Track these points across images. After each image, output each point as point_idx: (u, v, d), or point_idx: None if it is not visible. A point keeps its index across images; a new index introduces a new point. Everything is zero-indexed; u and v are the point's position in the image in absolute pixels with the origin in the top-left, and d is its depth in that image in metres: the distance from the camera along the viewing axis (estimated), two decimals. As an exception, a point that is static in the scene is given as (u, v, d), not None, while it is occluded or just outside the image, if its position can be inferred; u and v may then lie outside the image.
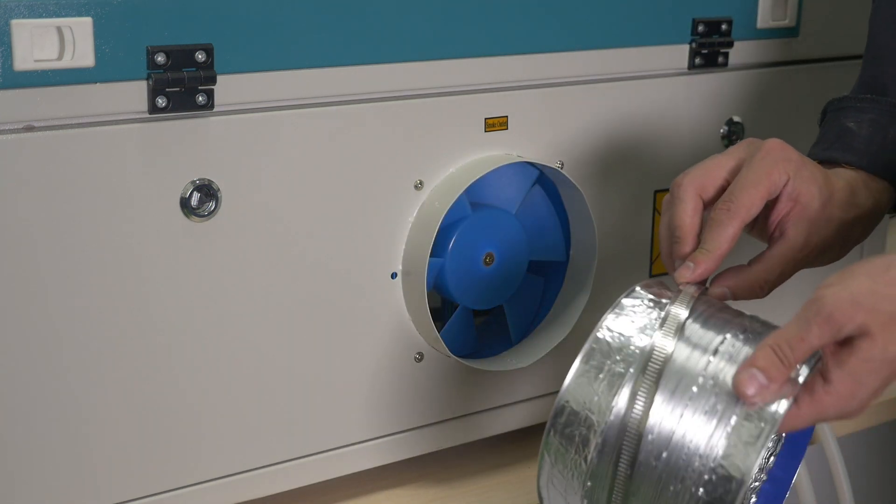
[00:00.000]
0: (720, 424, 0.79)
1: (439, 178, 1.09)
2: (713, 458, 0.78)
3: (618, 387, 0.81)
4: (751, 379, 0.80)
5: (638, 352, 0.82)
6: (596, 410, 0.81)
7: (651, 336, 0.82)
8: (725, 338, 0.83)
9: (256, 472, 1.06)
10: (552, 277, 1.18)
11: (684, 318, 0.84)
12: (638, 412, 0.80)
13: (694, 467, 0.78)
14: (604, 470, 0.81)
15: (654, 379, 0.80)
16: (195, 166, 0.97)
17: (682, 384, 0.80)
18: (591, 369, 0.82)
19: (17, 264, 0.92)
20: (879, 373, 0.81)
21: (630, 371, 0.81)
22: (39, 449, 0.96)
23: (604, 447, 0.80)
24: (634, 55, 1.19)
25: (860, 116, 1.03)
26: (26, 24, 0.88)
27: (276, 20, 0.99)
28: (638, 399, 0.80)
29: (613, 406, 0.80)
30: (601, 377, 0.81)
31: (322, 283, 1.05)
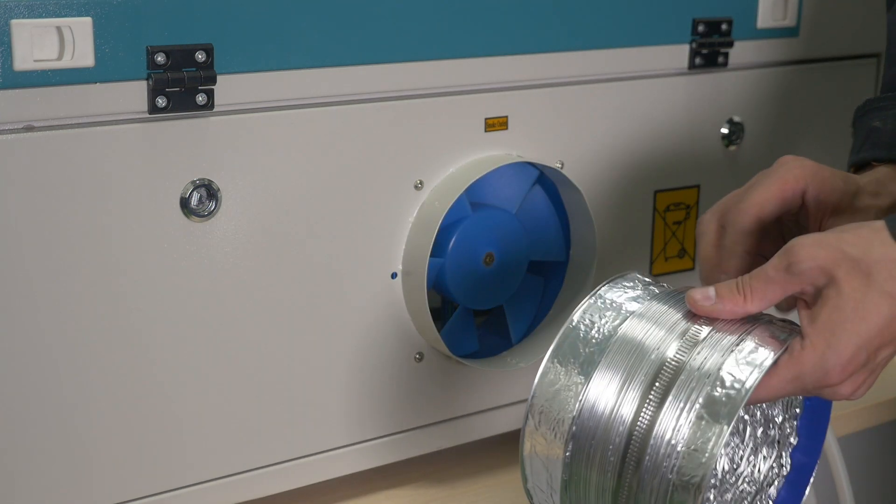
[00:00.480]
0: (690, 404, 0.78)
1: (439, 178, 1.09)
2: (682, 439, 0.77)
3: (587, 375, 0.81)
4: (703, 290, 0.82)
5: (603, 339, 0.82)
6: (565, 401, 0.81)
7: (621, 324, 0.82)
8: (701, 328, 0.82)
9: (256, 472, 1.06)
10: (552, 277, 1.18)
11: (665, 308, 0.84)
12: (608, 402, 0.80)
13: (666, 447, 0.78)
14: (581, 462, 0.81)
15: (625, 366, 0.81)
16: (195, 166, 0.97)
17: (652, 371, 0.80)
18: (560, 359, 0.82)
19: (17, 264, 0.92)
20: (854, 327, 0.80)
21: (599, 360, 0.81)
22: (39, 449, 0.96)
23: (577, 439, 0.81)
24: (634, 55, 1.19)
25: (884, 114, 1.01)
26: (26, 24, 0.88)
27: (275, 20, 0.99)
28: (608, 386, 0.80)
29: (582, 397, 0.81)
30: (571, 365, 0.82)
31: (322, 283, 1.05)
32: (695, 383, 0.78)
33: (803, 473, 0.93)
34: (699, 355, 0.80)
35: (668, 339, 0.81)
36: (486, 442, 1.21)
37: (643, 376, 0.80)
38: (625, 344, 0.81)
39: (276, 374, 1.05)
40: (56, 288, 0.94)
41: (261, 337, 1.04)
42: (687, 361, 0.79)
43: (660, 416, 0.78)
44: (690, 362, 0.79)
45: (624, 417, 0.79)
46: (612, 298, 0.84)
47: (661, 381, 0.79)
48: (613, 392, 0.80)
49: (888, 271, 0.80)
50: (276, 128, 1.01)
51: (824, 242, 0.81)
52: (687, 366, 0.79)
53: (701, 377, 0.78)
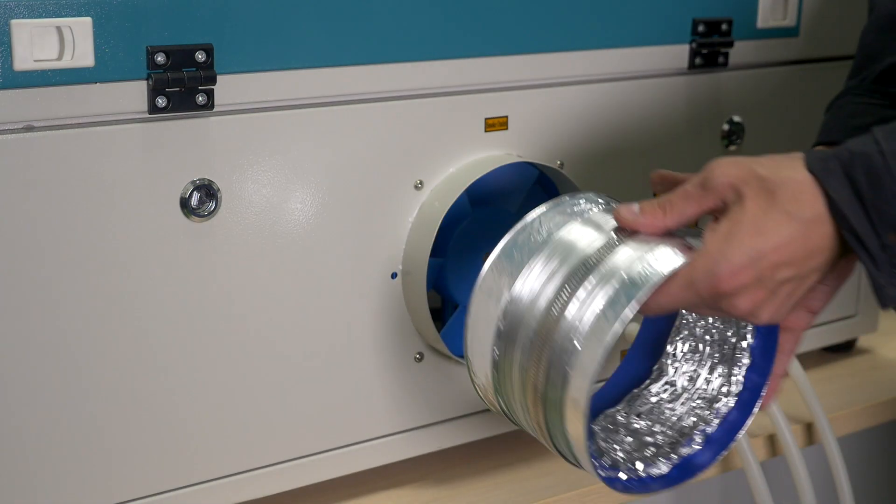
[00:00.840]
0: (594, 293, 0.86)
1: (439, 178, 1.09)
2: (584, 329, 0.86)
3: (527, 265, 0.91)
4: (629, 206, 0.90)
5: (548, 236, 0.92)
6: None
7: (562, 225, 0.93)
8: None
9: (256, 472, 1.06)
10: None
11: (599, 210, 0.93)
12: (529, 288, 0.90)
13: (568, 334, 0.87)
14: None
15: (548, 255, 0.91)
16: (195, 166, 0.97)
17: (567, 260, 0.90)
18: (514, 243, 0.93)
19: (18, 264, 0.92)
20: (749, 239, 0.84)
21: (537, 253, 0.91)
22: (39, 449, 0.96)
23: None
24: (634, 55, 1.19)
25: (832, 104, 1.05)
26: (26, 24, 0.88)
27: (275, 20, 0.99)
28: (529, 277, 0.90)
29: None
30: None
31: (322, 283, 1.05)
32: (604, 281, 0.86)
33: (755, 393, 0.97)
34: (614, 257, 0.87)
35: (594, 243, 0.89)
36: (486, 442, 1.21)
37: (565, 271, 0.88)
38: (559, 244, 0.90)
39: (275, 374, 1.05)
40: (56, 288, 0.94)
41: (261, 337, 1.04)
42: (603, 262, 0.87)
43: (568, 307, 0.86)
44: (605, 262, 0.87)
45: (542, 305, 0.88)
46: (565, 207, 0.93)
47: (577, 277, 0.88)
48: (540, 283, 0.89)
49: (792, 192, 0.84)
50: (276, 128, 1.01)
51: (739, 163, 0.86)
52: (602, 266, 0.87)
53: (610, 275, 0.86)
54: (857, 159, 0.83)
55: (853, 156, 0.83)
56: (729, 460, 1.24)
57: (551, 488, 1.14)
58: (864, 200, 0.83)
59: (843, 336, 1.45)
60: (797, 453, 1.21)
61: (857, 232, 0.84)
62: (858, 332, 1.47)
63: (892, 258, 0.84)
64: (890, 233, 0.83)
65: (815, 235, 0.85)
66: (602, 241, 0.89)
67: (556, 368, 0.87)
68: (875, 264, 0.84)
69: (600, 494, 1.15)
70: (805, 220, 0.84)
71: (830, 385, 1.39)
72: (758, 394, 0.98)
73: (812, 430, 1.29)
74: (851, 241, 0.84)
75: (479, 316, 0.92)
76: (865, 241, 0.84)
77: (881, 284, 0.85)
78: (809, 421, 1.29)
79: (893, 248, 0.84)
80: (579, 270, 0.88)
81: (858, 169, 0.83)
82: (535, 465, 1.19)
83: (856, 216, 0.83)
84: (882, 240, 0.83)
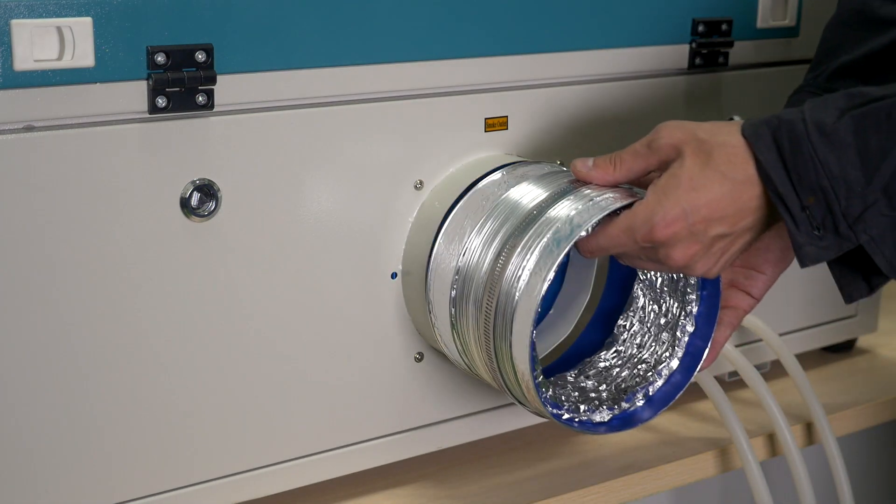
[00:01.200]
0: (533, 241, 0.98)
1: (439, 178, 1.09)
2: (527, 269, 0.97)
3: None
4: (584, 159, 1.00)
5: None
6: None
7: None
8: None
9: (256, 472, 1.06)
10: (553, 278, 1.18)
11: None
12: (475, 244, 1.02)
13: (512, 279, 0.98)
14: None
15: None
16: (195, 166, 0.97)
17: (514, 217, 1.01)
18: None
19: (17, 264, 0.92)
20: (685, 194, 0.92)
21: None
22: (39, 450, 0.96)
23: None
24: (634, 55, 1.19)
25: (790, 98, 1.12)
26: (26, 24, 0.88)
27: (275, 20, 0.99)
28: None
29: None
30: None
31: (322, 283, 1.05)
32: (548, 225, 0.97)
33: (696, 357, 1.07)
34: (561, 205, 0.98)
35: (542, 197, 1.00)
36: (486, 442, 1.21)
37: (511, 226, 1.00)
38: (506, 202, 1.02)
39: (275, 374, 1.05)
40: (55, 288, 0.94)
41: (260, 337, 1.04)
42: (548, 210, 0.98)
43: (514, 254, 0.98)
44: (550, 211, 0.98)
45: (489, 260, 1.00)
46: (520, 171, 1.06)
47: (522, 228, 0.99)
48: (485, 238, 1.01)
49: (727, 154, 0.92)
50: (276, 128, 1.01)
51: (682, 126, 0.95)
52: (547, 213, 0.98)
53: (554, 220, 0.97)
54: (783, 126, 0.90)
55: (781, 123, 0.90)
56: (729, 460, 1.24)
57: (551, 488, 1.14)
58: (787, 164, 0.90)
59: (843, 336, 1.45)
60: (797, 453, 1.21)
61: (781, 193, 0.91)
62: (858, 332, 1.47)
63: (811, 220, 0.90)
64: (809, 196, 0.89)
65: (745, 196, 0.92)
66: (548, 197, 1.00)
67: (502, 315, 0.98)
68: (796, 225, 0.91)
69: (600, 494, 1.15)
70: (736, 181, 0.92)
71: (830, 385, 1.39)
72: (699, 358, 1.07)
73: (812, 430, 1.29)
74: (776, 201, 0.91)
75: (436, 282, 1.04)
76: (788, 202, 0.90)
77: (800, 243, 0.91)
78: (809, 421, 1.29)
79: (812, 210, 0.90)
80: (521, 224, 0.99)
81: (783, 135, 0.90)
82: (535, 465, 1.19)
83: (779, 178, 0.90)
84: (802, 202, 0.90)
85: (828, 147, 0.89)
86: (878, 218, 0.90)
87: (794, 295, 1.36)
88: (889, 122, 0.88)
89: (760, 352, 1.36)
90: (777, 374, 1.34)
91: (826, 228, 0.91)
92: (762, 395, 1.22)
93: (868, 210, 0.89)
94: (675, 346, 1.08)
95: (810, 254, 0.92)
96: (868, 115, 0.89)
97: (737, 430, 1.18)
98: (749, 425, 1.24)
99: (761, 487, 1.18)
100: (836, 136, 0.89)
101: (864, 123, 0.89)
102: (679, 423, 1.28)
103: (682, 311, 1.08)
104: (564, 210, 0.98)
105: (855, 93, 0.91)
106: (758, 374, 1.23)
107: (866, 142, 0.89)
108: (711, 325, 1.06)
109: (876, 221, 0.90)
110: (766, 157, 0.91)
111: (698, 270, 0.96)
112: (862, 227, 0.90)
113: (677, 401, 1.07)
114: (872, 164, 0.89)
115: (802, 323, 1.40)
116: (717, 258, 0.96)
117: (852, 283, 0.97)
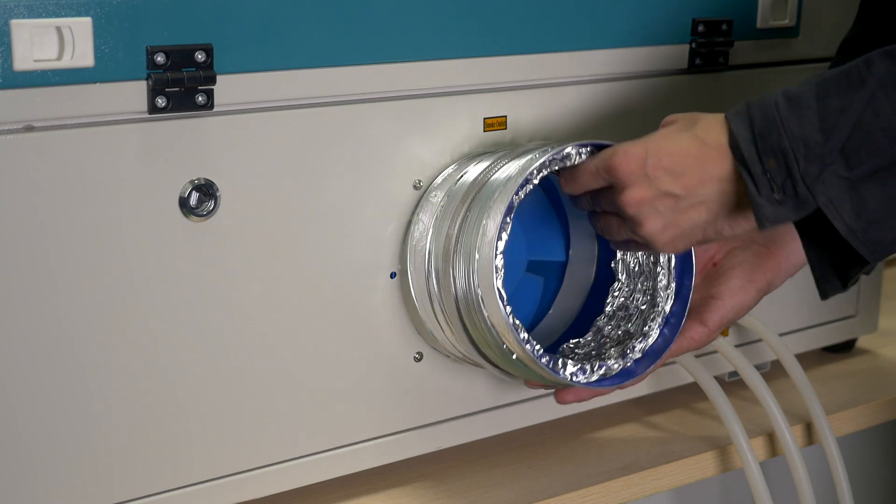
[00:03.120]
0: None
1: (439, 178, 1.09)
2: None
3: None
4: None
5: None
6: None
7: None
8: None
9: (256, 472, 1.06)
10: (552, 277, 1.18)
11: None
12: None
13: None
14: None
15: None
16: (194, 166, 0.97)
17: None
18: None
19: (17, 264, 0.92)
20: (652, 140, 0.97)
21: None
22: (39, 449, 0.96)
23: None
24: (634, 55, 1.19)
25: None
26: (26, 24, 0.88)
27: (275, 20, 0.99)
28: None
29: None
30: None
31: (322, 283, 1.05)
32: (496, 182, 1.03)
33: (679, 317, 1.09)
34: (512, 164, 1.04)
35: (501, 165, 1.05)
36: (486, 442, 1.21)
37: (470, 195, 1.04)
38: (476, 185, 1.05)
39: (275, 374, 1.05)
40: (55, 287, 0.94)
41: (259, 337, 1.04)
42: (501, 167, 1.05)
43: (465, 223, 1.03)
44: (503, 168, 1.05)
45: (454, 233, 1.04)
46: (500, 154, 1.08)
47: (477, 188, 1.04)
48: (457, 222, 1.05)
49: (707, 124, 0.96)
50: (275, 128, 1.01)
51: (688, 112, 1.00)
52: (499, 170, 1.04)
53: (503, 175, 1.03)
54: (760, 102, 0.94)
55: (760, 101, 0.94)
56: (729, 460, 1.24)
57: (551, 488, 1.14)
58: (753, 130, 0.93)
59: (843, 336, 1.45)
60: (797, 453, 1.21)
61: (744, 157, 0.93)
62: (858, 332, 1.47)
63: (771, 182, 0.92)
64: (771, 158, 0.92)
65: (710, 161, 0.95)
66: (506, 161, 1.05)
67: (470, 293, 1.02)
68: (756, 187, 0.93)
69: (600, 494, 1.15)
70: (706, 144, 0.95)
71: (830, 385, 1.39)
72: (680, 319, 1.09)
73: (812, 430, 1.29)
74: (740, 168, 0.93)
75: (436, 282, 1.06)
76: (749, 164, 0.93)
77: (760, 204, 0.93)
78: (809, 421, 1.29)
79: (772, 172, 0.92)
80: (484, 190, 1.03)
81: (755, 107, 0.93)
82: (535, 465, 1.19)
83: (745, 143, 0.93)
84: (764, 165, 0.92)
85: (791, 110, 0.92)
86: (835, 179, 0.91)
87: (794, 295, 1.36)
88: (847, 83, 0.91)
89: (760, 352, 1.36)
90: (777, 374, 1.34)
91: (786, 192, 0.92)
92: (762, 395, 1.22)
93: (825, 171, 0.91)
94: (656, 307, 1.11)
95: (768, 214, 0.93)
96: (829, 78, 0.92)
97: (737, 430, 1.18)
98: (749, 425, 1.24)
99: (761, 487, 1.18)
100: (798, 100, 0.92)
101: (825, 87, 0.91)
102: (679, 423, 1.28)
103: (662, 267, 1.11)
104: (513, 167, 1.03)
105: (823, 72, 0.94)
106: (758, 374, 1.23)
107: (826, 104, 0.91)
108: (687, 286, 1.10)
109: (833, 183, 0.91)
110: (736, 127, 0.93)
111: (647, 227, 0.97)
112: (820, 187, 0.91)
113: (678, 401, 1.07)
114: (830, 123, 0.91)
115: (802, 323, 1.40)
116: (666, 221, 0.97)
117: (828, 279, 1.00)
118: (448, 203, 1.06)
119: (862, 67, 0.91)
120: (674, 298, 1.09)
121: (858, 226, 0.92)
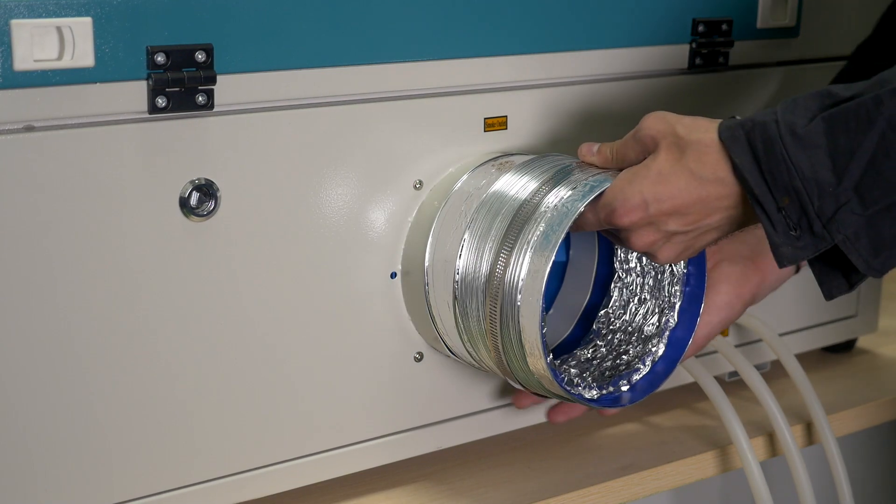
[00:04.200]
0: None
1: (439, 178, 1.09)
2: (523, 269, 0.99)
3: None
4: (591, 144, 1.03)
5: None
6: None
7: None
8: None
9: (256, 472, 1.06)
10: (552, 277, 1.18)
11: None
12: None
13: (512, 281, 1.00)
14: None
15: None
16: (194, 166, 0.97)
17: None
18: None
19: (17, 264, 0.92)
20: (649, 183, 0.95)
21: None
22: (39, 449, 0.96)
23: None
24: (634, 55, 1.19)
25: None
26: (26, 24, 0.88)
27: (275, 20, 0.99)
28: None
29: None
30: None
31: (322, 284, 1.05)
32: (539, 218, 0.99)
33: (679, 349, 1.11)
34: (550, 195, 1.00)
35: (530, 188, 1.02)
36: (486, 442, 1.21)
37: (503, 221, 1.01)
38: (494, 195, 1.04)
39: (275, 374, 1.05)
40: (55, 287, 0.94)
41: (260, 337, 1.04)
42: (542, 201, 1.00)
43: (511, 258, 1.00)
44: (540, 201, 1.01)
45: (487, 259, 1.02)
46: (502, 161, 1.08)
47: (513, 232, 1.00)
48: (479, 234, 1.03)
49: (698, 153, 0.94)
50: (276, 128, 1.01)
51: (664, 118, 0.98)
52: (542, 205, 1.00)
53: (543, 212, 0.99)
54: (757, 128, 0.92)
55: (755, 125, 0.92)
56: (729, 460, 1.24)
57: (551, 488, 1.14)
58: (761, 166, 0.91)
59: (843, 336, 1.45)
60: (797, 453, 1.21)
61: (757, 195, 0.92)
62: (858, 332, 1.47)
63: (787, 220, 0.92)
64: (784, 197, 0.91)
65: (711, 195, 0.94)
66: (535, 184, 1.02)
67: (508, 324, 1.00)
68: (773, 226, 0.92)
69: (600, 494, 1.15)
70: (703, 179, 0.94)
71: (830, 385, 1.39)
72: (681, 349, 1.11)
73: (812, 430, 1.29)
74: (753, 203, 0.92)
75: (436, 281, 1.05)
76: (764, 203, 0.92)
77: (777, 244, 0.93)
78: (809, 421, 1.29)
79: (788, 210, 0.91)
80: (513, 225, 1.01)
81: (757, 136, 0.91)
82: (535, 465, 1.19)
83: (755, 180, 0.91)
84: (778, 203, 0.92)
85: (799, 149, 0.90)
86: (851, 217, 0.91)
87: (794, 295, 1.36)
88: (857, 123, 0.90)
89: (760, 352, 1.36)
90: (777, 374, 1.34)
91: (802, 229, 0.92)
92: (762, 395, 1.22)
93: (840, 210, 0.91)
94: (658, 337, 1.12)
95: (787, 254, 0.93)
96: (837, 117, 0.90)
97: (737, 430, 1.18)
98: (749, 425, 1.23)
99: (761, 487, 1.18)
100: (807, 139, 0.90)
101: (833, 125, 0.90)
102: (679, 423, 1.28)
103: (672, 283, 1.12)
104: (552, 198, 1.00)
105: (825, 93, 0.93)
106: (758, 374, 1.23)
107: (836, 143, 0.90)
108: (694, 319, 1.11)
109: (849, 221, 0.91)
110: (741, 160, 0.92)
111: (662, 258, 0.99)
112: (836, 226, 0.91)
113: (678, 401, 1.07)
114: (842, 164, 0.90)
115: (802, 323, 1.40)
116: (680, 250, 0.99)
117: (832, 280, 0.99)
118: (452, 208, 1.06)
119: (871, 106, 0.90)
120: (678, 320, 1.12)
121: (876, 261, 0.92)
